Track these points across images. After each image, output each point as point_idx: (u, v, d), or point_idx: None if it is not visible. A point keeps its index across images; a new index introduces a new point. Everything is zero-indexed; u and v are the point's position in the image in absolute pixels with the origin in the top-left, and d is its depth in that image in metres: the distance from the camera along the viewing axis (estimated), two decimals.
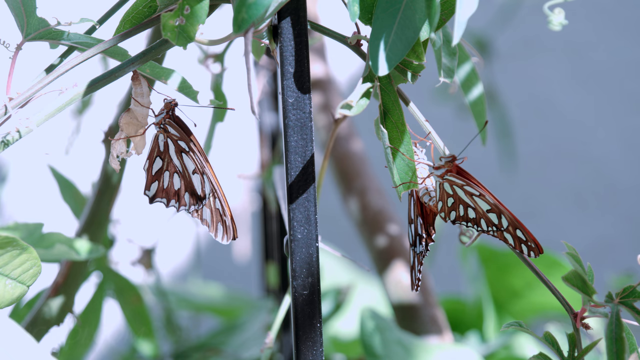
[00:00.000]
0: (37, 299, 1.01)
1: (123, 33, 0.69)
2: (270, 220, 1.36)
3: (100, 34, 0.72)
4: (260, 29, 0.66)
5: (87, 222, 0.99)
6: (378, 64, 0.64)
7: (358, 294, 1.49)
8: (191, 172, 0.73)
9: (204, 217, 0.73)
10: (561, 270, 1.37)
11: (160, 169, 0.73)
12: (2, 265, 0.68)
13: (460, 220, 0.72)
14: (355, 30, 0.70)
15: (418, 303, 1.16)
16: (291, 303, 0.69)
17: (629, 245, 2.27)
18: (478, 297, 1.50)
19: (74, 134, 1.23)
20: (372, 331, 1.05)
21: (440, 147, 0.71)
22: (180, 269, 2.17)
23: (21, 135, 0.67)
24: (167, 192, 0.73)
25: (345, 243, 1.93)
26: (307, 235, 0.68)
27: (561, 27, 0.68)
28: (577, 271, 0.67)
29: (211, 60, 0.99)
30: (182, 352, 1.33)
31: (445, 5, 0.67)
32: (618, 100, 2.31)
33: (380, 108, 0.69)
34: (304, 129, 0.68)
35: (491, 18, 2.00)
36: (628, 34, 2.30)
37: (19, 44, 0.69)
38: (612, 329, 0.66)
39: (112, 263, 1.10)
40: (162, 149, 0.73)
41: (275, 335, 0.85)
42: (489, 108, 1.89)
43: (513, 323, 0.70)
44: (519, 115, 2.22)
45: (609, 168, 2.30)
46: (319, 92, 1.31)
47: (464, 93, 0.85)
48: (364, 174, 1.28)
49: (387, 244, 1.21)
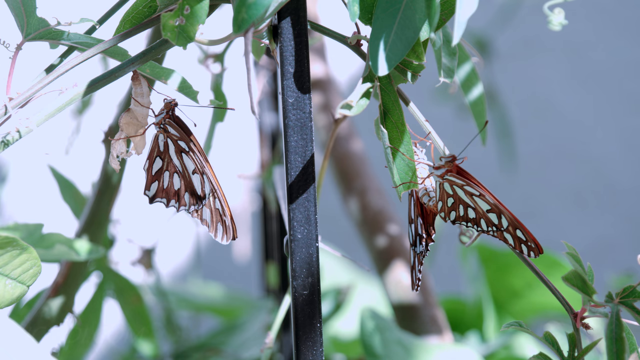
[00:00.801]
0: (37, 299, 1.01)
1: (123, 33, 0.69)
2: (270, 220, 1.36)
3: (100, 34, 0.72)
4: (260, 29, 0.66)
5: (87, 222, 0.99)
6: (378, 64, 0.64)
7: (358, 294, 1.49)
8: (191, 172, 0.73)
9: (204, 217, 0.73)
10: (561, 270, 1.37)
11: (160, 169, 0.73)
12: (2, 265, 0.68)
13: (460, 220, 0.72)
14: (355, 30, 0.70)
15: (418, 303, 1.16)
16: (291, 303, 0.69)
17: (629, 245, 2.27)
18: (478, 297, 1.50)
19: (74, 134, 1.23)
20: (372, 331, 1.05)
21: (440, 147, 0.71)
22: (180, 269, 2.17)
23: (21, 135, 0.67)
24: (167, 192, 0.73)
25: (345, 243, 1.93)
26: (307, 235, 0.68)
27: (561, 27, 0.68)
28: (577, 271, 0.67)
29: (211, 60, 0.99)
30: (182, 352, 1.33)
31: (445, 5, 0.67)
32: (617, 100, 2.31)
33: (380, 108, 0.69)
34: (304, 129, 0.68)
35: (491, 18, 2.00)
36: (628, 34, 2.30)
37: (19, 44, 0.69)
38: (612, 328, 0.66)
39: (112, 263, 1.10)
40: (162, 149, 0.73)
41: (275, 335, 0.85)
42: (489, 108, 1.89)
43: (513, 323, 0.70)
44: (519, 115, 2.22)
45: (609, 168, 2.30)
46: (319, 92, 1.31)
47: (464, 93, 0.85)
48: (364, 174, 1.28)
49: (387, 244, 1.21)
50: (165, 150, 0.73)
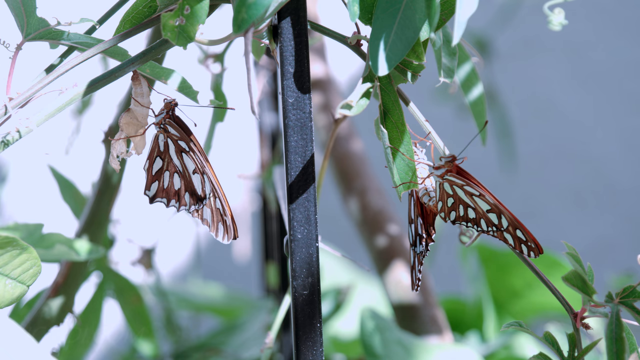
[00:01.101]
0: (37, 299, 1.01)
1: (123, 33, 0.69)
2: (270, 220, 1.36)
3: (100, 34, 0.72)
4: (260, 29, 0.66)
5: (87, 222, 0.99)
6: (378, 64, 0.64)
7: (358, 294, 1.49)
8: (191, 172, 0.73)
9: (204, 217, 0.73)
10: (561, 270, 1.37)
11: (160, 169, 0.73)
12: (2, 265, 0.68)
13: (460, 220, 0.72)
14: (355, 30, 0.70)
15: (418, 303, 1.16)
16: (291, 303, 0.69)
17: (629, 245, 2.27)
18: (478, 297, 1.50)
19: (74, 134, 1.23)
20: (372, 331, 1.05)
21: (440, 147, 0.71)
22: (180, 269, 2.17)
23: (21, 135, 0.67)
24: (167, 192, 0.73)
25: (345, 243, 1.93)
26: (307, 235, 0.68)
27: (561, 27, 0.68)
28: (577, 271, 0.67)
29: (211, 60, 0.99)
30: (182, 352, 1.33)
31: (445, 5, 0.67)
32: (617, 100, 2.31)
33: (380, 108, 0.69)
34: (304, 129, 0.68)
35: (491, 18, 2.00)
36: (628, 34, 2.30)
37: (19, 44, 0.69)
38: (612, 328, 0.66)
39: (112, 263, 1.10)
40: (162, 149, 0.73)
41: (275, 335, 0.85)
42: (489, 108, 1.89)
43: (513, 323, 0.70)
44: (519, 115, 2.22)
45: (609, 168, 2.30)
46: (319, 92, 1.31)
47: (464, 93, 0.85)
48: (364, 174, 1.28)
49: (387, 244, 1.21)
50: (166, 150, 0.73)
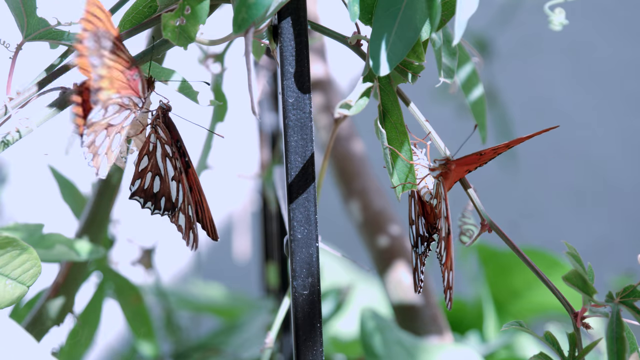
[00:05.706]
0: (37, 299, 1.01)
1: (123, 33, 0.69)
2: (270, 220, 1.36)
3: None
4: (260, 29, 0.66)
5: (87, 222, 0.98)
6: (379, 64, 0.64)
7: (358, 294, 1.49)
8: (170, 178, 0.73)
9: (179, 223, 0.74)
10: (561, 270, 1.37)
11: (145, 168, 0.73)
12: (2, 266, 0.68)
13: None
14: (355, 30, 0.70)
15: (418, 303, 1.16)
16: (291, 303, 0.69)
17: (629, 245, 2.27)
18: (478, 297, 1.50)
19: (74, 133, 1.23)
20: (372, 331, 1.05)
21: (441, 147, 0.71)
22: (181, 269, 2.17)
23: (21, 135, 0.67)
24: (146, 192, 0.74)
25: (345, 243, 1.93)
26: (307, 235, 0.68)
27: (562, 27, 0.68)
28: (578, 271, 0.67)
29: (211, 60, 0.99)
30: (182, 352, 1.33)
31: (446, 5, 0.67)
32: (618, 100, 2.30)
33: (380, 108, 0.69)
34: (304, 129, 0.68)
35: (491, 18, 2.00)
36: (628, 34, 2.30)
37: (19, 44, 0.69)
38: (612, 328, 0.66)
39: (112, 263, 1.10)
40: (150, 149, 0.73)
41: (275, 335, 0.85)
42: (489, 108, 1.89)
43: (513, 323, 0.70)
44: (519, 115, 2.22)
45: (609, 168, 2.30)
46: (319, 93, 1.31)
47: (464, 93, 0.85)
48: (364, 175, 1.28)
49: (388, 244, 1.21)
50: (153, 151, 0.73)
